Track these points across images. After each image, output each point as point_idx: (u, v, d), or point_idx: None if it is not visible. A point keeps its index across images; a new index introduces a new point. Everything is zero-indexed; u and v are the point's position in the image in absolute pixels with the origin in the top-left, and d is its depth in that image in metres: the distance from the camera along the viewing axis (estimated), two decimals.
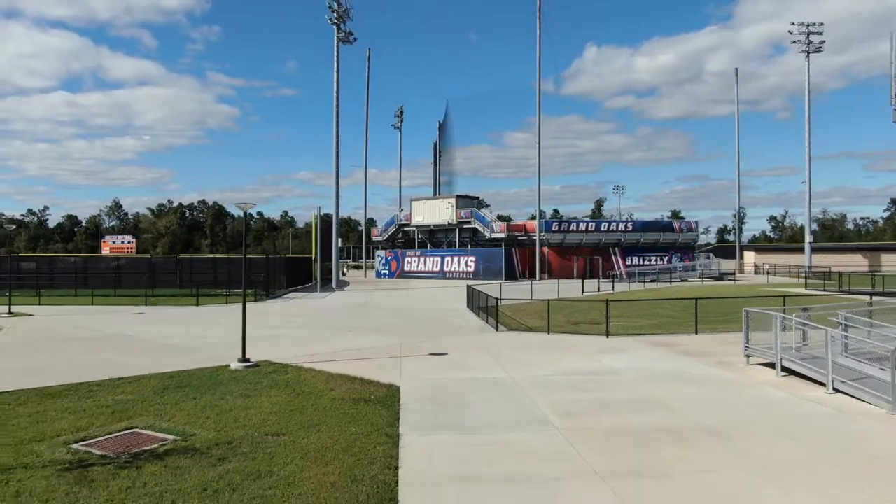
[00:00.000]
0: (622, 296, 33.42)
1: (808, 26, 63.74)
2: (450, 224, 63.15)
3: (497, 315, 21.35)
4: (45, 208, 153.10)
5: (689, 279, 53.32)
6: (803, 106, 65.44)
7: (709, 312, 21.48)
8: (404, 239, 69.88)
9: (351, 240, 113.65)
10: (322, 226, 48.73)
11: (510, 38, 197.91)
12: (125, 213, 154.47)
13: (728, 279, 53.55)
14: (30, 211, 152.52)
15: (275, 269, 40.62)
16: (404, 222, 68.17)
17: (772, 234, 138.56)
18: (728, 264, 62.81)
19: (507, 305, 24.52)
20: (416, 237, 67.20)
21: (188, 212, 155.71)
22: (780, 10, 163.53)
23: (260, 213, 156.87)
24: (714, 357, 14.95)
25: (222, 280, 38.10)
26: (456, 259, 60.37)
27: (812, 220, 74.66)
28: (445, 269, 60.45)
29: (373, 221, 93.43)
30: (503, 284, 34.74)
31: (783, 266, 61.21)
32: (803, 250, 65.76)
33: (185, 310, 29.05)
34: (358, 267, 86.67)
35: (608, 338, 18.12)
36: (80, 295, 35.08)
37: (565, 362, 14.56)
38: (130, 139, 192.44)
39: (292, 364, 14.19)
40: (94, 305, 30.77)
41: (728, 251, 76.56)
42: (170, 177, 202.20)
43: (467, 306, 28.38)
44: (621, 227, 63.02)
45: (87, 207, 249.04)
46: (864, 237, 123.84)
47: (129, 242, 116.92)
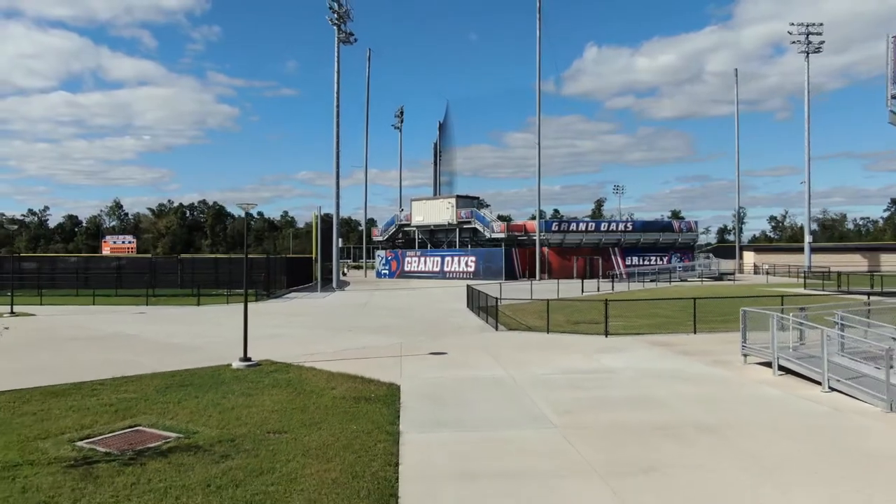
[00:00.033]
0: (621, 296, 33.52)
1: (808, 27, 63.87)
2: (450, 224, 63.25)
3: (497, 315, 21.45)
4: (46, 208, 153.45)
5: (688, 279, 53.41)
6: (803, 106, 65.63)
7: (707, 312, 21.62)
8: (404, 239, 69.97)
9: (351, 240, 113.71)
10: (322, 226, 48.80)
11: (510, 39, 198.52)
12: (125, 214, 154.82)
13: (727, 279, 53.64)
14: (30, 211, 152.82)
15: (275, 269, 40.73)
16: (404, 222, 68.27)
17: (772, 234, 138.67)
18: (728, 264, 62.94)
19: (506, 305, 24.62)
20: (417, 237, 67.30)
21: (188, 212, 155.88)
22: (780, 11, 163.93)
23: (260, 214, 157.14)
24: (712, 356, 15.07)
25: (223, 280, 38.19)
26: (456, 259, 60.46)
27: (812, 220, 74.82)
28: (445, 269, 60.54)
29: (373, 221, 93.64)
30: (503, 284, 34.82)
31: (783, 266, 61.32)
32: (803, 250, 65.83)
33: (187, 309, 29.17)
34: (358, 267, 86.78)
35: (607, 337, 18.23)
36: (82, 295, 35.20)
37: (564, 361, 14.67)
38: (130, 139, 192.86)
39: (293, 363, 14.30)
40: (95, 305, 30.89)
41: (728, 251, 76.70)
42: (170, 177, 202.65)
43: (467, 306, 28.49)
44: (621, 227, 63.15)
45: (87, 207, 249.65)
46: (864, 237, 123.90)
47: (129, 242, 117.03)
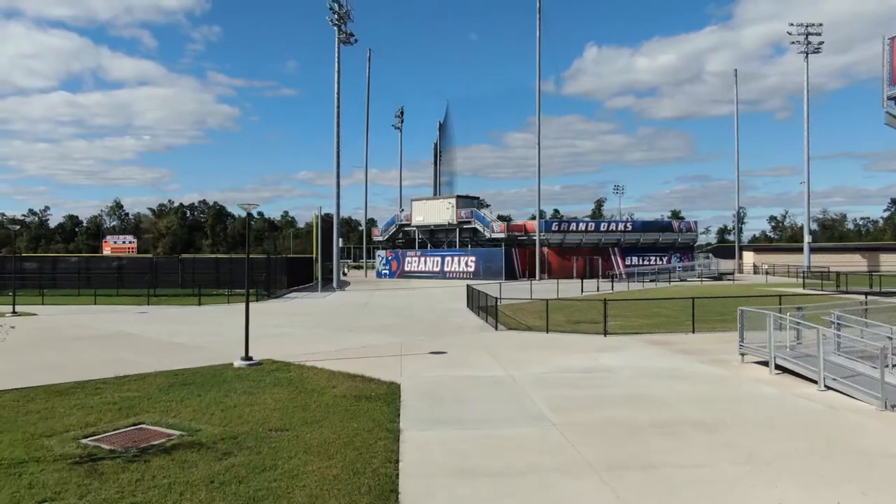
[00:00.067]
0: (621, 295, 33.62)
1: (807, 27, 63.96)
2: (450, 224, 63.36)
3: (497, 314, 21.55)
4: (46, 208, 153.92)
5: (688, 279, 53.52)
6: (803, 106, 65.63)
7: (706, 312, 21.74)
8: (405, 239, 70.07)
9: (351, 240, 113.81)
10: (323, 226, 48.91)
11: (510, 39, 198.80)
12: (126, 214, 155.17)
13: (727, 279, 53.77)
14: (31, 211, 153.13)
15: (276, 268, 40.83)
16: (405, 222, 68.37)
17: (772, 234, 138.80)
18: (727, 264, 63.04)
19: (506, 305, 24.72)
20: (417, 237, 67.40)
21: (189, 212, 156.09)
22: (780, 11, 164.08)
23: (261, 214, 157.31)
24: (710, 355, 15.19)
25: (224, 280, 38.37)
26: (456, 259, 60.57)
27: (812, 220, 74.95)
28: (446, 269, 60.65)
29: (373, 221, 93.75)
30: (503, 284, 34.96)
31: (782, 266, 61.43)
32: (802, 250, 65.91)
33: (188, 309, 29.29)
34: (358, 267, 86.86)
35: (606, 337, 18.35)
36: (83, 295, 35.33)
37: (564, 361, 14.78)
38: (130, 139, 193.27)
39: (294, 362, 14.42)
40: (96, 305, 31.01)
41: (728, 251, 76.79)
42: (170, 177, 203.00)
43: (467, 306, 28.60)
44: (621, 227, 63.28)
45: (87, 207, 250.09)
46: (864, 237, 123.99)
47: (130, 242, 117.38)
